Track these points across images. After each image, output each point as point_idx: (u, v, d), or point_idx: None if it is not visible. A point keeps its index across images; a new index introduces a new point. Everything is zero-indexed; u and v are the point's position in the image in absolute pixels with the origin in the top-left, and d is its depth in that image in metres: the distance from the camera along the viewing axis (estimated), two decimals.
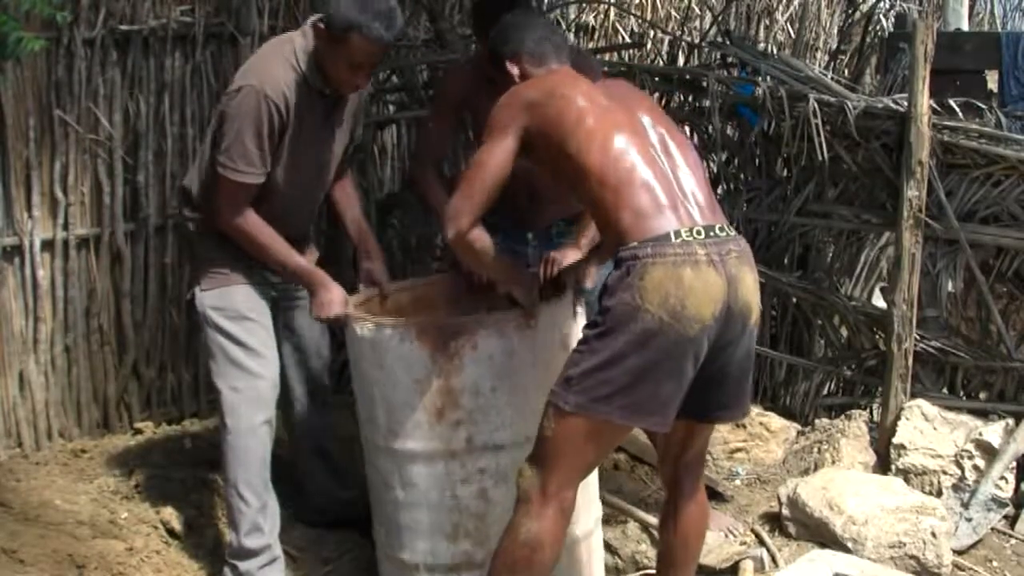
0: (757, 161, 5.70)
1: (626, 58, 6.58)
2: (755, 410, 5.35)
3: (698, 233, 3.21)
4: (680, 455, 3.56)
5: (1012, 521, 4.70)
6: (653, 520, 4.45)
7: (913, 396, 5.02)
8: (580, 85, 3.46)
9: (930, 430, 4.89)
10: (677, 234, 3.18)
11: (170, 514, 4.38)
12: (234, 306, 4.01)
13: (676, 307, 3.11)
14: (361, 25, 3.73)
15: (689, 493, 3.59)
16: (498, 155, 3.40)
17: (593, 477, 3.86)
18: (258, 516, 3.98)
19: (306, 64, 3.89)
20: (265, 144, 3.85)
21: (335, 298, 3.93)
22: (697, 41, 6.59)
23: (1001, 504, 4.68)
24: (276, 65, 3.88)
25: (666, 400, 3.20)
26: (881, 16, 7.67)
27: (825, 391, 5.65)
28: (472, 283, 4.16)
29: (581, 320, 3.75)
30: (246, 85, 3.83)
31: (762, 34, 9.00)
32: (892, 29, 7.48)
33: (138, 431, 5.27)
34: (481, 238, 3.45)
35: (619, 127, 3.33)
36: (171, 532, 4.33)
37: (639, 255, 3.16)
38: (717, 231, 3.27)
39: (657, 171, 3.30)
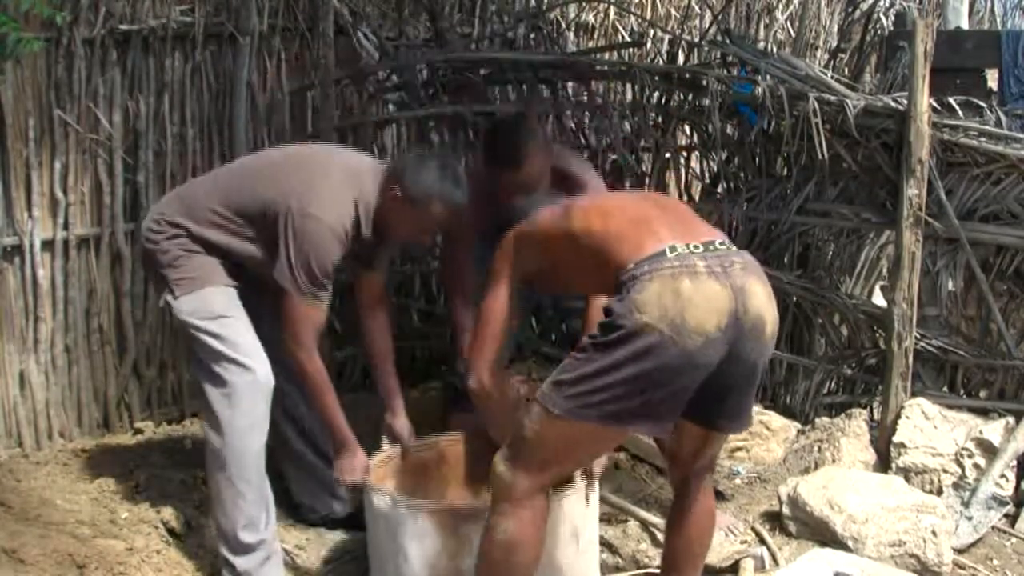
0: (757, 160, 5.69)
1: (626, 57, 6.57)
2: (755, 409, 5.34)
3: (696, 248, 3.19)
4: (692, 461, 3.54)
5: (1013, 520, 4.70)
6: (654, 519, 4.46)
7: (913, 395, 5.02)
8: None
9: (930, 428, 4.89)
10: (672, 248, 3.16)
11: (170, 514, 4.38)
12: (210, 307, 4.00)
13: (676, 319, 3.05)
14: (442, 194, 3.96)
15: (698, 498, 3.58)
16: (496, 305, 3.59)
17: None
18: (254, 510, 3.97)
19: (364, 213, 4.02)
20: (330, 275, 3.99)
21: (358, 464, 4.09)
22: (697, 40, 6.58)
23: (1002, 502, 4.68)
24: (348, 205, 3.99)
25: (661, 410, 3.17)
26: (881, 15, 7.65)
27: (825, 390, 5.65)
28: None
29: (594, 511, 3.90)
30: (323, 219, 3.91)
31: (762, 33, 9.00)
32: (892, 28, 7.47)
33: (138, 431, 5.28)
34: (500, 388, 3.71)
35: (609, 197, 3.64)
36: (171, 532, 4.33)
37: (636, 274, 3.13)
38: (717, 244, 3.25)
39: (649, 210, 3.37)
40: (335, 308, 5.79)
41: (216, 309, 4.00)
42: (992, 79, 7.82)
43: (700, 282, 3.10)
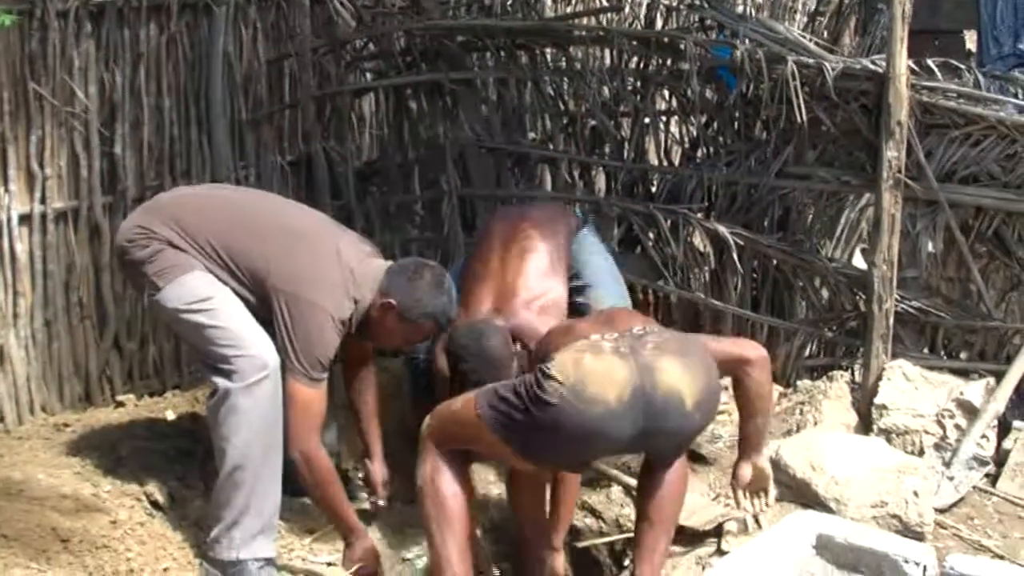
0: (736, 124, 5.68)
1: (603, 22, 6.55)
2: None
3: (610, 336, 3.52)
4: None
5: (993, 479, 4.72)
6: (635, 483, 4.47)
7: (894, 356, 5.04)
8: None
9: (911, 390, 4.90)
10: (588, 338, 3.51)
11: (154, 486, 4.38)
12: (195, 291, 4.00)
13: (578, 386, 3.38)
14: (438, 314, 4.11)
15: (662, 467, 3.75)
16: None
17: None
18: (261, 479, 3.96)
19: (358, 314, 4.10)
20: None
21: (368, 555, 4.17)
22: (675, 4, 6.56)
23: (982, 462, 4.71)
24: (348, 303, 4.06)
25: (566, 459, 3.65)
26: None
27: (807, 353, 5.66)
28: None
29: None
30: (327, 309, 3.99)
31: None
32: None
33: (120, 404, 5.26)
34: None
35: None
36: (155, 504, 4.33)
37: (551, 354, 3.49)
38: (635, 331, 3.55)
39: (599, 326, 3.67)
40: None
41: (201, 292, 3.99)
42: (971, 41, 7.84)
43: (602, 357, 3.45)
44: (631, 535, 4.21)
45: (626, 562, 4.32)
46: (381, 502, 4.54)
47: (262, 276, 4.02)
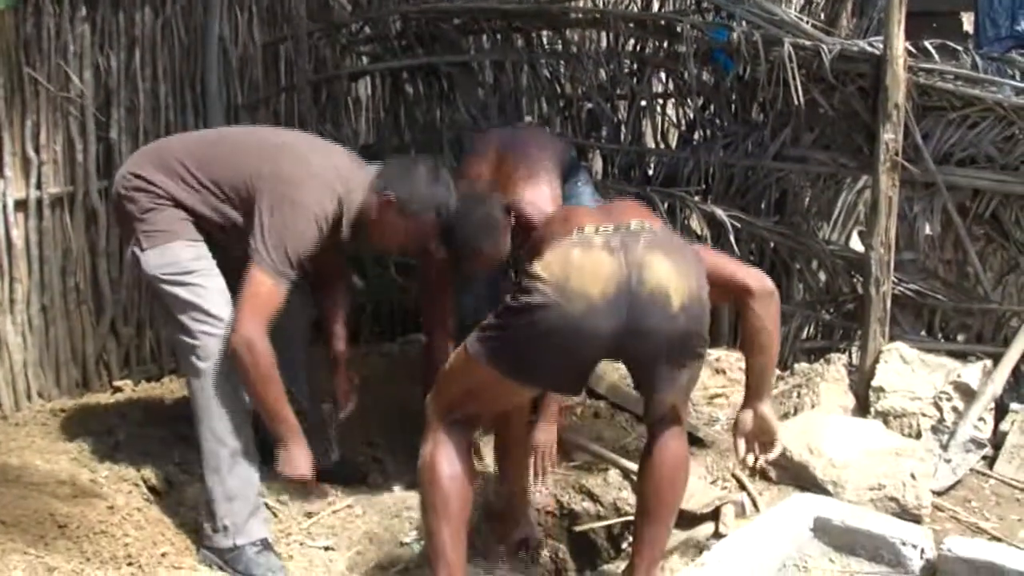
0: (733, 106, 5.68)
1: (600, 4, 6.53)
2: (734, 355, 5.36)
3: (603, 229, 3.41)
4: (647, 413, 3.69)
5: (991, 462, 4.72)
6: (634, 467, 4.47)
7: (892, 339, 5.04)
8: None
9: (909, 372, 4.90)
10: (580, 230, 3.40)
11: (151, 472, 4.38)
12: (179, 260, 3.97)
13: (561, 281, 3.29)
14: (438, 205, 4.02)
15: (662, 445, 3.65)
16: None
17: None
18: (238, 459, 3.97)
19: (346, 213, 4.02)
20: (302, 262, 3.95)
21: (302, 460, 3.99)
22: None
23: (980, 445, 4.71)
24: (332, 200, 3.98)
25: (557, 370, 3.43)
26: None
27: (804, 335, 5.66)
28: None
29: None
30: (306, 205, 3.91)
31: None
32: None
33: (117, 389, 5.26)
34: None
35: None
36: (152, 489, 4.33)
37: (540, 249, 3.43)
38: (629, 226, 3.43)
39: (593, 213, 3.63)
40: None
41: (184, 263, 3.97)
42: (968, 22, 7.82)
43: (591, 252, 3.34)
44: (629, 518, 4.22)
45: (624, 544, 4.33)
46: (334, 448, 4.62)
47: (246, 189, 3.96)
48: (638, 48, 5.93)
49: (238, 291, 3.87)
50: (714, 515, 4.27)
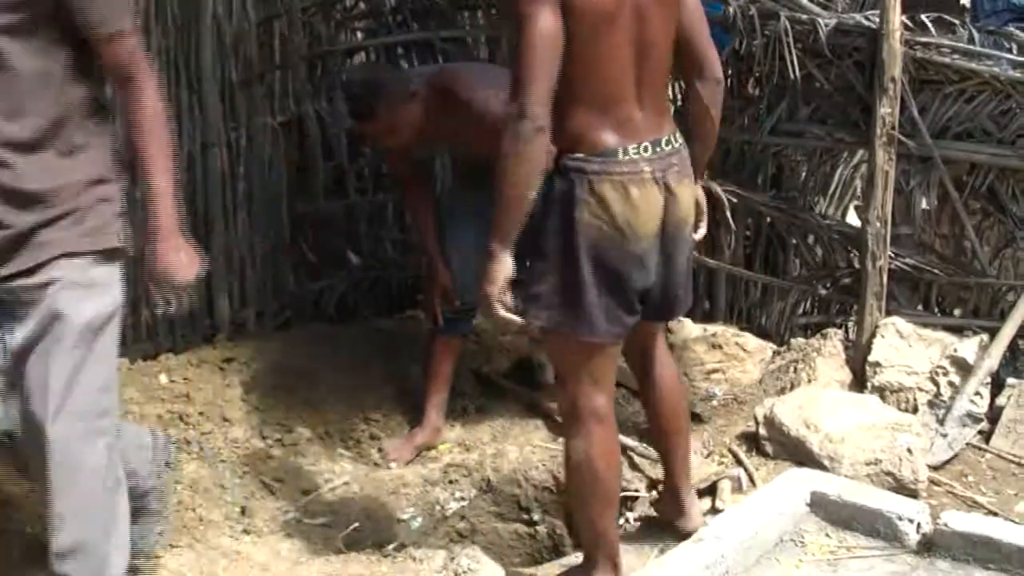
0: (729, 81, 5.64)
1: None
2: (731, 331, 5.36)
3: (644, 149, 3.28)
4: (641, 344, 3.73)
5: (987, 436, 4.73)
6: (630, 442, 4.49)
7: (888, 314, 5.03)
8: None
9: (905, 347, 4.91)
10: (625, 151, 3.25)
11: None
12: None
13: (624, 225, 3.22)
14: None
15: (662, 361, 3.79)
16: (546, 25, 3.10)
17: None
18: None
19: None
20: None
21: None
22: None
23: (976, 419, 4.71)
24: None
25: (619, 313, 3.34)
26: None
27: (800, 310, 5.66)
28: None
29: None
30: None
31: None
32: None
33: None
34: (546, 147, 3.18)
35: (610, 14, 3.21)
36: None
37: (586, 169, 3.23)
38: (663, 144, 3.34)
39: (628, 77, 3.29)
40: (308, 240, 5.80)
41: None
42: None
43: (646, 189, 3.27)
44: (627, 494, 4.22)
45: (622, 521, 4.33)
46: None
47: None
48: None
49: None
50: (711, 490, 4.28)
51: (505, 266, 3.18)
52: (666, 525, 4.02)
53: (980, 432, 4.74)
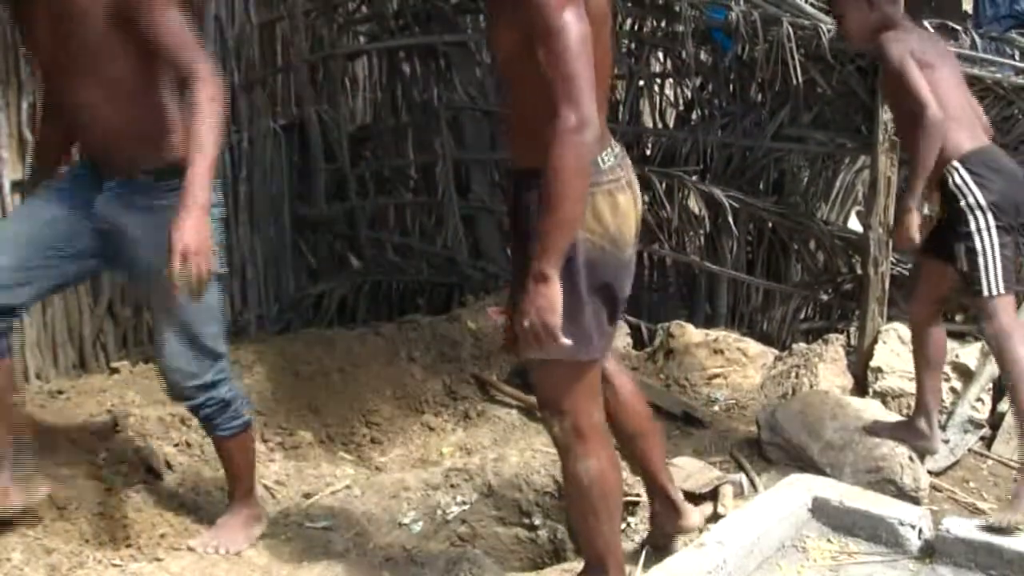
0: (731, 86, 5.67)
1: None
2: (732, 336, 5.37)
3: (614, 157, 3.19)
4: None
5: (988, 442, 4.74)
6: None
7: (890, 319, 5.04)
8: None
9: (907, 353, 4.89)
10: (604, 160, 3.14)
11: (149, 452, 4.37)
12: None
13: (616, 233, 3.16)
14: None
15: (616, 370, 3.70)
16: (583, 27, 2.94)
17: None
18: None
19: None
20: None
21: None
22: None
23: (977, 425, 4.72)
24: None
25: (606, 326, 3.27)
26: None
27: (802, 315, 5.67)
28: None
29: None
30: None
31: None
32: None
33: (115, 370, 5.25)
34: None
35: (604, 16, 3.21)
36: (150, 470, 4.32)
37: None
38: (615, 149, 3.23)
39: (606, 72, 3.27)
40: (309, 243, 5.81)
41: None
42: (967, 2, 7.79)
43: (627, 195, 3.21)
44: (628, 499, 4.22)
45: (623, 526, 4.32)
46: None
47: None
48: (636, 27, 5.92)
49: None
50: (712, 496, 4.28)
51: (559, 291, 2.97)
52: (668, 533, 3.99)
53: (982, 438, 4.74)
